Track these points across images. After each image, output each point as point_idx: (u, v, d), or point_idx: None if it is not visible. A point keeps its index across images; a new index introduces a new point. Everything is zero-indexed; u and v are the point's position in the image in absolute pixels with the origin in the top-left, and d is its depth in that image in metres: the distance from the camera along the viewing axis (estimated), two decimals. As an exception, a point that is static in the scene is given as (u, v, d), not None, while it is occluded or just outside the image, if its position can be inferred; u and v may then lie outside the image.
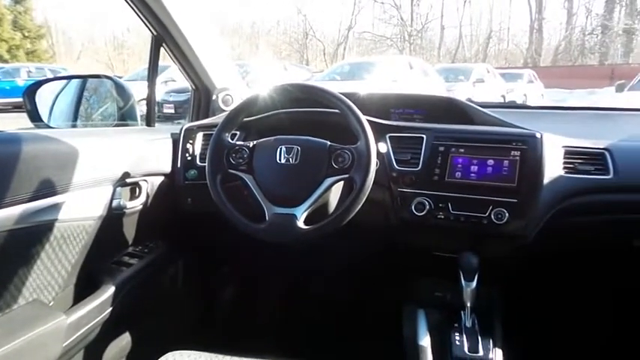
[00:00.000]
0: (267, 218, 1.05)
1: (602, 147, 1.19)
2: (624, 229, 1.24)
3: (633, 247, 1.28)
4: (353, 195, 1.02)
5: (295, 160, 1.08)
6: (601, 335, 1.49)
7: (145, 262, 1.28)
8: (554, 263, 1.41)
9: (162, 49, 1.42)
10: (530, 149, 1.14)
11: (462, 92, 9.41)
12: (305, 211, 1.04)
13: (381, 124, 1.27)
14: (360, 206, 1.03)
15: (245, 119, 1.21)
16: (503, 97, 11.36)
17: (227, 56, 1.64)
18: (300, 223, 1.03)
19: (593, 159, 1.18)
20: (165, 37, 1.39)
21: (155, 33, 1.39)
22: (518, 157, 1.14)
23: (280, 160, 1.08)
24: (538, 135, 1.16)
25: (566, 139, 1.21)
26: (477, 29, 30.30)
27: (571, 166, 1.17)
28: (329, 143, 1.08)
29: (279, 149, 1.09)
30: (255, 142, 1.14)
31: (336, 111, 1.11)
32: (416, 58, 12.48)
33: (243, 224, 1.07)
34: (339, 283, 1.66)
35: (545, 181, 1.12)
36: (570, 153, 1.19)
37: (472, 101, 1.50)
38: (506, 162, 1.14)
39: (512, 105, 2.01)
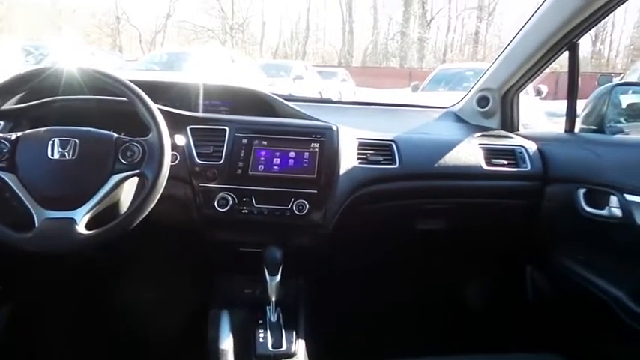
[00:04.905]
0: (36, 225, 0.88)
1: (389, 139, 1.30)
2: (409, 213, 1.38)
3: (416, 229, 1.44)
4: (144, 193, 0.93)
5: (73, 156, 0.93)
6: (399, 318, 1.63)
7: None
8: (353, 251, 1.50)
9: None
10: (327, 141, 1.18)
11: (282, 88, 9.70)
12: (87, 214, 0.91)
13: (180, 114, 1.19)
14: (153, 204, 0.94)
15: (6, 107, 1.01)
16: (320, 93, 12.05)
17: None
18: (81, 229, 0.89)
19: (383, 150, 1.28)
20: None
21: None
22: (317, 149, 1.17)
23: (53, 155, 0.92)
24: (334, 127, 1.21)
25: (360, 132, 1.29)
26: (296, 27, 31.70)
27: (364, 157, 1.25)
28: (115, 135, 0.97)
29: (51, 142, 0.93)
30: (19, 134, 0.95)
31: (125, 99, 0.99)
32: (238, 52, 12.47)
33: (1, 234, 0.88)
34: (140, 290, 1.52)
35: (342, 171, 1.18)
36: (363, 145, 1.27)
37: (291, 96, 1.52)
38: (306, 154, 1.17)
39: (318, 99, 2.12)
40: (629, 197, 1.11)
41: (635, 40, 27.09)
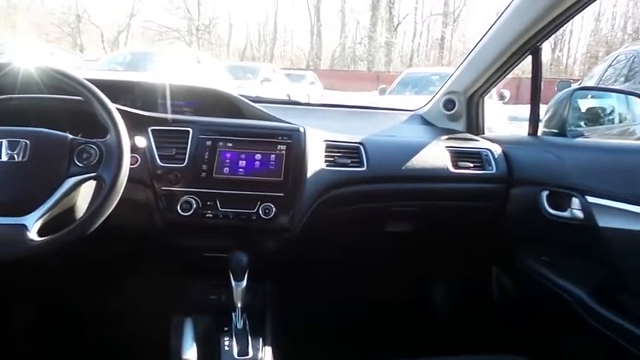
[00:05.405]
0: None
1: (357, 141, 1.29)
2: (377, 216, 1.37)
3: (385, 232, 1.43)
4: (102, 197, 0.89)
5: (23, 157, 0.88)
6: (368, 321, 1.63)
7: None
8: (321, 253, 1.48)
9: None
10: (294, 143, 1.16)
11: (250, 90, 9.59)
12: (39, 219, 0.86)
13: (141, 115, 1.14)
14: (111, 209, 0.90)
15: None
16: (289, 96, 11.99)
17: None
18: (33, 235, 0.84)
19: (350, 152, 1.27)
20: None
21: None
22: (284, 152, 1.15)
23: (1, 157, 0.87)
24: (302, 129, 1.19)
25: (327, 134, 1.27)
26: (264, 30, 31.61)
27: (331, 159, 1.23)
28: (70, 136, 0.92)
29: None
30: None
31: (81, 99, 0.95)
32: (204, 54, 12.30)
33: None
34: (99, 298, 1.46)
35: (309, 174, 1.16)
36: (331, 147, 1.25)
37: (258, 97, 1.49)
38: (273, 156, 1.15)
39: (285, 101, 2.11)
40: (590, 199, 1.13)
41: (591, 47, 28.35)
